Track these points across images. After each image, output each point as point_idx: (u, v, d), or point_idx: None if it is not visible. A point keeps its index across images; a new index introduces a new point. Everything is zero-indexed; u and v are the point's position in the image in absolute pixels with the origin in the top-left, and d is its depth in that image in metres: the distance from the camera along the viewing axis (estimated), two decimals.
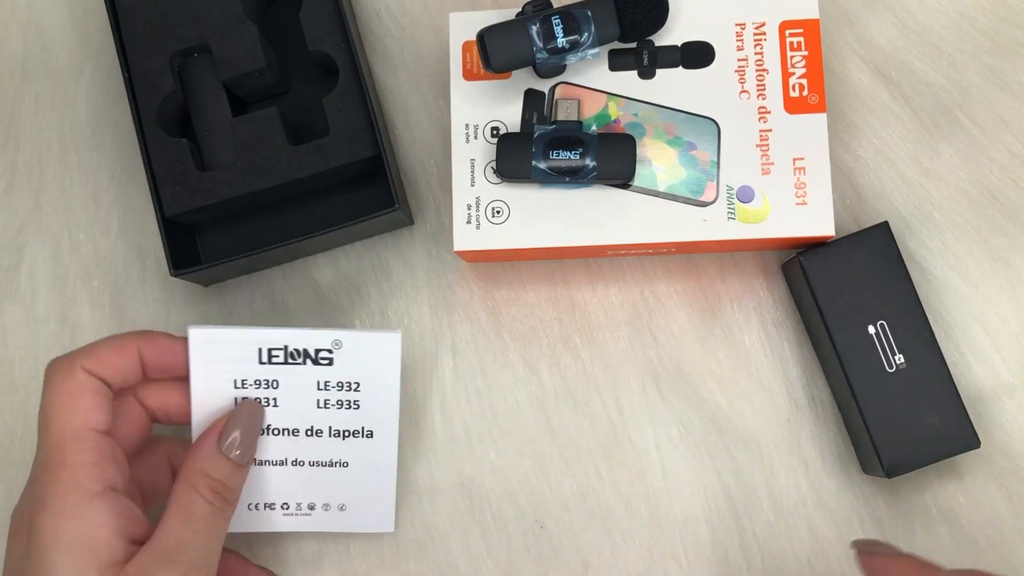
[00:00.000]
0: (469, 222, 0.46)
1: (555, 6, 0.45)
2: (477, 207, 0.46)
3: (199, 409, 0.43)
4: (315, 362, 0.43)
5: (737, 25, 0.46)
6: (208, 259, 0.51)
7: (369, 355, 0.44)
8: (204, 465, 0.40)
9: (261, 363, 0.43)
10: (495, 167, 0.46)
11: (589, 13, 0.44)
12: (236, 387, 0.43)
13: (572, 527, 0.48)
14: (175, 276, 0.48)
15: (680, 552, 0.48)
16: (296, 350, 0.43)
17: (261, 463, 0.44)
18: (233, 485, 0.41)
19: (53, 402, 0.39)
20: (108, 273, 0.52)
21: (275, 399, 0.43)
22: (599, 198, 0.46)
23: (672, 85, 0.46)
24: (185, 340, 0.42)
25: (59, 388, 0.39)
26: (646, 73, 0.47)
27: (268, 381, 0.43)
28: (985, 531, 0.47)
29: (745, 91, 0.46)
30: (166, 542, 0.38)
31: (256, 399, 0.43)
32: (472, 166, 0.46)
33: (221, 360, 0.43)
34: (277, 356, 0.43)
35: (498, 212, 0.46)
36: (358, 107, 0.49)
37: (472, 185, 0.46)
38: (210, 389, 0.43)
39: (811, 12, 0.46)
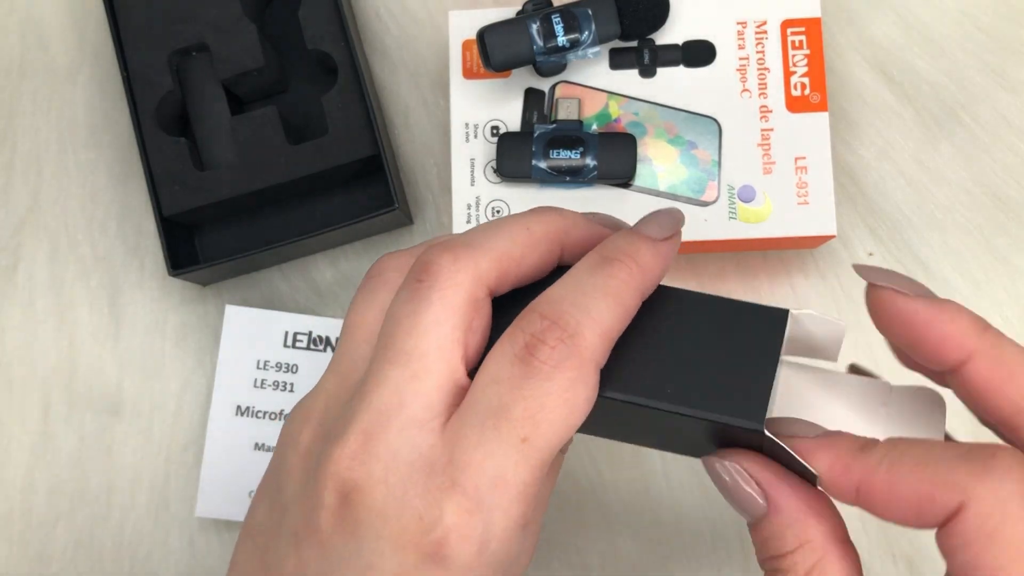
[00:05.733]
0: (469, 222, 0.46)
1: (555, 4, 0.45)
2: (477, 207, 0.46)
3: (221, 383, 0.47)
4: (335, 350, 0.46)
5: (738, 24, 0.46)
6: (207, 259, 0.51)
7: None
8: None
9: (285, 346, 0.47)
10: (495, 166, 0.45)
11: (589, 11, 0.44)
12: (258, 368, 0.47)
13: (573, 529, 0.48)
14: (173, 276, 0.47)
15: (681, 554, 0.48)
16: (319, 336, 0.47)
17: (268, 448, 0.46)
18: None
19: (428, 333, 0.26)
20: (106, 273, 0.51)
21: (292, 384, 0.47)
22: (600, 198, 0.45)
23: (673, 84, 0.46)
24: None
25: (439, 316, 0.26)
26: (647, 72, 0.46)
27: (289, 365, 0.47)
28: None
29: (746, 90, 0.46)
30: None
31: None
32: (472, 165, 0.46)
33: (250, 339, 0.47)
34: (301, 341, 0.47)
35: (498, 212, 0.46)
36: (357, 106, 0.49)
37: (472, 185, 0.46)
38: (234, 366, 0.47)
39: (813, 11, 0.46)
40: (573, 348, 0.25)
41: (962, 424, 0.29)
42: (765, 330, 0.28)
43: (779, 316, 0.28)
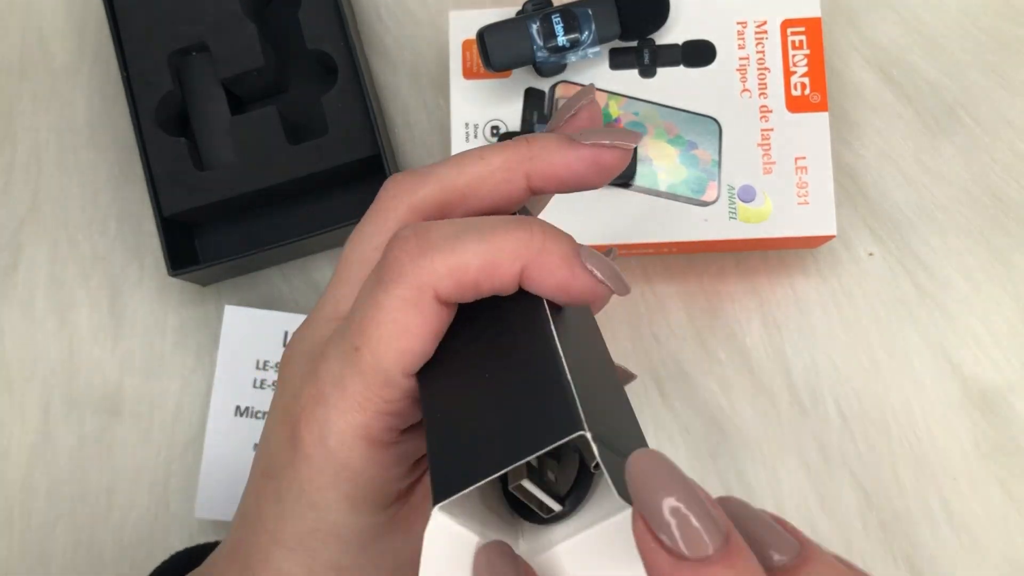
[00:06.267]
0: None
1: (555, 4, 0.45)
2: None
3: (220, 384, 0.47)
4: None
5: (738, 23, 0.46)
6: (206, 259, 0.51)
7: None
8: None
9: (285, 346, 0.45)
10: None
11: (589, 11, 0.44)
12: (257, 368, 0.47)
13: None
14: (173, 276, 0.47)
15: None
16: None
17: None
18: None
19: (354, 245, 0.28)
20: (106, 273, 0.51)
21: None
22: (599, 198, 0.45)
23: (673, 84, 0.46)
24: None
25: (368, 231, 0.28)
26: (647, 72, 0.46)
27: None
28: (988, 530, 0.47)
29: (747, 90, 0.46)
30: None
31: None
32: None
33: (249, 339, 0.47)
34: None
35: None
36: (357, 106, 0.49)
37: None
38: (234, 366, 0.47)
39: (813, 11, 0.46)
40: (416, 268, 0.24)
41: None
42: (545, 430, 0.20)
43: (560, 426, 0.20)
